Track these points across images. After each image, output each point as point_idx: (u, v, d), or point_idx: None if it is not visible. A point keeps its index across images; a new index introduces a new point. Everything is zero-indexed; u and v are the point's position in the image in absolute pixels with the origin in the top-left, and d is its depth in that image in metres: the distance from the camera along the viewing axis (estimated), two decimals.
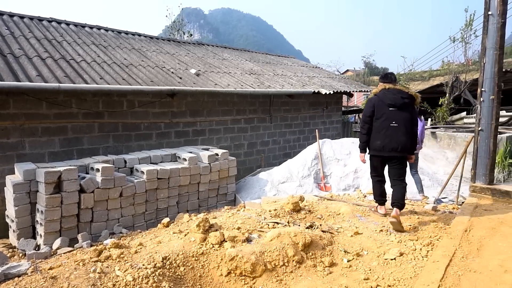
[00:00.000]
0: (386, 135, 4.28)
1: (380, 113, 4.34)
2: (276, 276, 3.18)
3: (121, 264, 3.07)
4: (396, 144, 4.25)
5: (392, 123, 4.26)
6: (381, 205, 4.67)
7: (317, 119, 11.36)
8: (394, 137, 4.25)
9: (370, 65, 46.40)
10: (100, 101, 6.68)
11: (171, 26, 19.85)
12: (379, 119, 4.35)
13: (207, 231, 3.63)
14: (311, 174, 7.69)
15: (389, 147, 4.27)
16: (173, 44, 10.79)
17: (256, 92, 8.75)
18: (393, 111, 4.28)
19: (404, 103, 4.28)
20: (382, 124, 4.31)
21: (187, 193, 6.37)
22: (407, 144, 4.27)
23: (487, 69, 5.29)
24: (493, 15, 5.20)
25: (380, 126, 4.33)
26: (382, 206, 4.66)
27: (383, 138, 4.29)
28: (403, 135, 4.25)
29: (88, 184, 5.08)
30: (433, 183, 7.36)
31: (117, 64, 7.32)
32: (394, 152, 4.28)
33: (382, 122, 4.32)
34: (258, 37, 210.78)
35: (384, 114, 4.31)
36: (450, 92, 12.76)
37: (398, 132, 4.25)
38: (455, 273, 3.10)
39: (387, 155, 4.34)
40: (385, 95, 4.37)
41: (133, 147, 7.10)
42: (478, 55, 21.21)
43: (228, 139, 8.89)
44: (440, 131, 9.30)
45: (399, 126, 4.25)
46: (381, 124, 4.32)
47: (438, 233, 3.99)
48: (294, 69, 13.02)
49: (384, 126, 4.30)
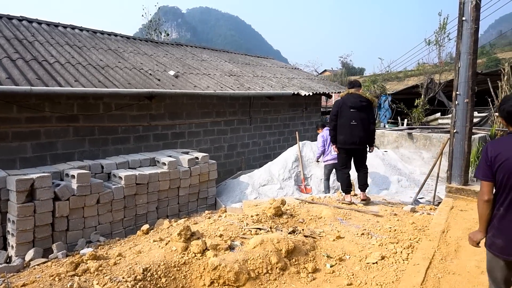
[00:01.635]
0: (347, 131, 5.27)
1: (343, 113, 5.32)
2: (259, 284, 3.15)
3: (100, 277, 2.96)
4: (356, 138, 5.26)
5: (352, 121, 5.24)
6: (347, 194, 5.55)
7: (297, 120, 11.41)
8: (354, 133, 5.25)
9: (347, 65, 47.15)
10: (75, 104, 6.45)
11: (147, 25, 19.48)
12: (342, 118, 5.34)
13: (188, 239, 3.56)
14: (291, 177, 7.71)
15: (350, 141, 5.29)
16: (150, 45, 10.57)
17: (236, 94, 8.70)
18: (353, 112, 5.26)
19: (362, 106, 5.28)
20: (344, 123, 5.30)
21: (167, 198, 6.25)
22: (364, 139, 5.32)
23: (461, 73, 5.44)
24: (467, 20, 5.36)
25: (343, 124, 5.32)
26: (348, 195, 5.54)
27: (345, 134, 5.30)
28: (361, 131, 5.26)
29: (63, 192, 4.89)
30: (410, 183, 7.53)
31: (93, 66, 7.10)
32: (354, 145, 5.32)
33: (344, 121, 5.31)
34: (236, 37, 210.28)
35: (346, 115, 5.29)
36: (425, 94, 13.11)
37: (357, 129, 5.24)
38: (435, 276, 3.16)
39: (348, 147, 5.35)
40: (348, 99, 5.37)
41: (110, 151, 6.90)
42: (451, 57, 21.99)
43: (208, 142, 8.80)
44: (416, 132, 9.53)
45: (357, 124, 5.24)
46: (344, 122, 5.31)
47: (418, 235, 4.07)
48: (274, 70, 13.04)
49: (346, 124, 5.28)
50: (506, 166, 2.10)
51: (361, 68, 51.73)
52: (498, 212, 2.19)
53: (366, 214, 4.95)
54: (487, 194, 2.19)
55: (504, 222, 2.17)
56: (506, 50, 42.34)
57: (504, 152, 2.11)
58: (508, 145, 2.13)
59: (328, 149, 7.03)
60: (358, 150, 5.38)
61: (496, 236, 2.21)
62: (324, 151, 7.12)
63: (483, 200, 2.20)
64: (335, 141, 5.49)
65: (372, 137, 5.51)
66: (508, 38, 67.37)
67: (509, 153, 2.10)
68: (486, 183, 2.20)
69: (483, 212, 2.23)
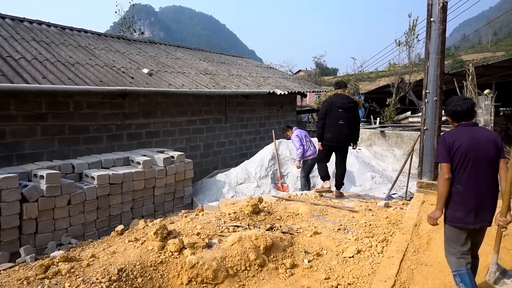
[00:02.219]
0: (335, 130, 5.52)
1: (332, 113, 5.57)
2: (238, 281, 3.14)
3: (72, 279, 2.85)
4: (342, 137, 5.55)
5: (340, 121, 5.50)
6: (326, 180, 5.78)
7: (273, 119, 11.47)
8: (341, 132, 5.52)
9: (321, 65, 47.91)
10: (43, 102, 6.19)
11: (120, 22, 18.96)
12: (330, 117, 5.57)
13: (165, 238, 3.49)
14: (268, 175, 7.74)
15: (336, 139, 5.56)
16: (123, 42, 10.31)
17: (212, 93, 8.64)
18: (341, 112, 5.53)
19: (349, 107, 5.58)
20: (332, 122, 5.54)
21: (142, 198, 6.11)
22: (349, 138, 5.65)
23: (430, 72, 5.64)
24: (434, 21, 5.56)
25: (331, 123, 5.56)
26: (327, 181, 5.76)
27: (333, 132, 5.54)
28: (347, 131, 5.55)
29: (31, 193, 4.68)
30: (383, 180, 7.73)
31: (62, 63, 6.84)
32: (339, 143, 5.60)
33: (332, 120, 5.55)
34: (211, 36, 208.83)
35: (334, 114, 5.54)
36: (396, 93, 13.50)
37: (344, 128, 5.52)
38: (409, 267, 3.26)
39: (334, 145, 5.63)
40: (336, 99, 5.63)
41: (82, 151, 6.67)
42: (419, 58, 22.77)
43: (183, 141, 8.68)
44: (388, 130, 9.80)
45: (344, 124, 5.52)
46: (332, 121, 5.55)
47: (392, 229, 4.18)
48: (249, 69, 13.04)
49: (333, 123, 5.54)
50: (461, 150, 2.58)
51: (335, 68, 52.67)
52: (456, 189, 2.62)
53: (342, 210, 5.03)
54: (447, 173, 2.61)
55: (463, 196, 2.59)
56: (470, 53, 44.40)
57: (458, 139, 2.61)
58: (460, 134, 2.65)
59: (306, 145, 7.08)
60: (342, 148, 5.69)
61: (456, 210, 2.61)
62: (303, 149, 7.11)
63: (445, 178, 2.61)
64: (321, 139, 5.69)
65: (357, 136, 5.87)
66: (471, 41, 70.64)
67: (462, 140, 2.60)
68: (446, 165, 2.62)
69: (443, 190, 2.62)
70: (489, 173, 2.58)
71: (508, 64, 10.98)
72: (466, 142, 2.59)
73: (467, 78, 11.78)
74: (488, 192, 2.60)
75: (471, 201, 2.58)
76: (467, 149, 2.57)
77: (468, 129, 2.67)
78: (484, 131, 2.73)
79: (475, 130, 2.66)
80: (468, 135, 2.62)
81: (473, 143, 2.58)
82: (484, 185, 2.58)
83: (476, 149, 2.57)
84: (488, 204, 2.60)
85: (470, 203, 2.57)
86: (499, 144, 2.62)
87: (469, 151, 2.57)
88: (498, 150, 2.60)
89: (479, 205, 2.57)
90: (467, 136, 2.62)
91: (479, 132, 2.66)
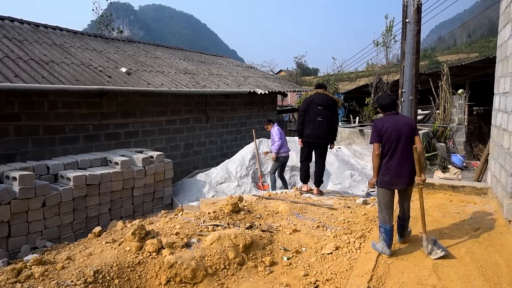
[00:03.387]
0: (313, 126, 5.63)
1: (311, 110, 5.68)
2: (217, 280, 3.13)
3: (45, 282, 2.78)
4: (321, 133, 5.63)
5: (319, 118, 5.61)
6: (305, 184, 6.02)
7: (253, 119, 11.49)
8: (319, 128, 5.62)
9: (302, 65, 48.29)
10: (16, 101, 6.00)
11: (98, 21, 18.58)
12: (309, 114, 5.68)
13: (143, 238, 3.45)
14: (249, 174, 7.74)
15: (315, 136, 5.65)
16: (100, 41, 10.10)
17: (192, 92, 8.58)
18: (320, 109, 5.63)
19: (329, 104, 5.70)
20: (311, 118, 5.65)
21: (120, 198, 6.01)
22: (327, 135, 5.70)
23: (406, 72, 5.77)
24: (410, 22, 5.70)
25: (310, 119, 5.67)
26: (305, 185, 6.01)
27: (311, 129, 5.65)
28: (325, 127, 5.63)
29: (2, 195, 4.53)
30: (362, 177, 7.86)
31: (35, 61, 6.64)
32: (318, 139, 5.69)
33: (311, 116, 5.66)
34: (191, 36, 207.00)
35: (314, 111, 5.65)
36: (375, 92, 13.77)
37: (322, 125, 5.61)
38: (385, 262, 3.33)
39: (313, 141, 5.72)
40: (316, 97, 5.75)
41: (57, 152, 6.49)
42: (397, 58, 23.28)
43: (163, 141, 8.59)
44: (367, 129, 9.98)
45: (323, 121, 5.61)
46: (311, 118, 5.66)
47: (369, 226, 4.25)
48: (230, 69, 13.01)
49: (312, 120, 5.64)
50: (388, 132, 3.41)
51: (315, 68, 53.22)
52: (384, 160, 3.44)
53: (322, 208, 5.09)
54: (377, 150, 3.44)
55: (388, 165, 3.42)
56: (445, 54, 45.77)
57: (385, 125, 3.45)
58: (387, 121, 3.49)
59: (283, 141, 7.15)
60: (321, 144, 5.78)
61: (384, 175, 3.43)
62: (281, 143, 7.18)
63: (376, 154, 3.45)
64: (300, 135, 5.83)
65: (334, 135, 5.92)
66: (447, 43, 72.80)
67: (388, 125, 3.44)
68: (377, 144, 3.45)
69: (376, 162, 3.46)
70: (406, 148, 3.38)
71: (481, 64, 11.38)
72: (391, 126, 3.42)
73: (442, 78, 12.16)
74: (406, 162, 3.39)
75: (394, 169, 3.39)
76: (391, 131, 3.40)
77: (392, 117, 3.52)
78: (403, 118, 3.62)
79: (396, 118, 3.52)
80: (391, 121, 3.46)
81: (395, 127, 3.42)
82: (404, 157, 3.39)
83: (397, 130, 3.40)
84: (405, 171, 3.39)
85: (393, 171, 3.40)
86: (413, 125, 3.48)
87: (392, 132, 3.39)
88: (412, 130, 3.43)
89: (399, 172, 3.39)
90: (391, 122, 3.46)
91: (399, 118, 3.53)
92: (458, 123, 11.81)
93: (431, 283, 2.93)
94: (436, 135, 11.34)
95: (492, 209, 4.58)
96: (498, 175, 4.58)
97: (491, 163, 5.26)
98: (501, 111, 4.62)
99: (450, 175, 8.18)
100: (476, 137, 13.25)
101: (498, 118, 4.80)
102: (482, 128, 13.73)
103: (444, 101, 12.10)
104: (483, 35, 72.28)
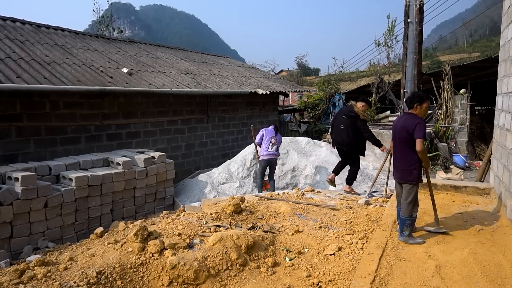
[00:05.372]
0: (336, 133, 6.28)
1: (337, 119, 6.41)
2: (220, 281, 3.12)
3: (48, 283, 2.78)
4: (340, 139, 6.22)
5: (341, 126, 6.18)
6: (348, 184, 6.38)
7: (255, 119, 11.48)
8: (340, 135, 6.20)
9: (303, 65, 48.30)
10: (17, 102, 6.01)
11: (99, 21, 18.60)
12: (335, 122, 6.40)
13: (145, 239, 3.44)
14: (250, 174, 7.74)
15: (336, 141, 6.34)
16: (101, 41, 10.11)
17: (193, 92, 8.57)
18: (343, 119, 6.18)
19: (350, 115, 6.13)
20: (336, 126, 6.34)
21: (122, 199, 6.01)
22: (346, 142, 6.15)
23: (408, 72, 5.77)
24: (412, 22, 5.69)
25: (335, 127, 6.39)
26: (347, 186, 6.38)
27: (335, 135, 6.37)
28: (345, 135, 6.13)
29: (5, 196, 4.53)
30: (364, 178, 7.84)
31: (37, 62, 6.65)
32: (339, 145, 6.31)
33: (336, 124, 6.35)
34: (192, 36, 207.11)
35: (338, 120, 6.32)
36: (376, 92, 13.75)
37: (343, 132, 6.14)
38: (388, 263, 3.32)
39: (337, 146, 6.42)
40: (344, 109, 6.57)
41: (59, 152, 6.50)
42: (399, 58, 23.27)
43: (164, 141, 8.59)
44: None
45: (344, 129, 6.15)
46: (336, 126, 6.36)
47: (372, 226, 4.24)
48: (231, 69, 13.01)
49: (337, 128, 6.29)
50: (392, 132, 3.89)
51: (316, 68, 53.23)
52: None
53: (324, 208, 5.08)
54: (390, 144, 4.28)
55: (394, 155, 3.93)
56: (447, 53, 45.71)
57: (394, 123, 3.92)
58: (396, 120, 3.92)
59: (265, 143, 7.19)
60: (343, 150, 6.34)
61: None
62: (260, 144, 7.24)
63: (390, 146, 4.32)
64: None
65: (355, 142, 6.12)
66: (448, 42, 72.69)
67: (394, 123, 3.90)
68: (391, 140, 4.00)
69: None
70: (398, 147, 3.79)
71: (483, 64, 11.34)
72: (393, 127, 3.88)
73: (444, 78, 12.12)
74: (396, 161, 3.86)
75: (394, 163, 3.93)
76: (392, 132, 3.89)
77: (398, 118, 3.90)
78: (401, 121, 3.78)
79: (400, 118, 3.84)
80: (395, 122, 3.88)
81: (394, 128, 3.85)
82: (397, 156, 3.84)
83: (394, 131, 3.84)
84: (398, 167, 3.82)
85: (394, 165, 3.92)
86: (409, 129, 3.63)
87: (392, 133, 3.88)
88: (408, 133, 3.62)
89: (395, 166, 3.89)
90: (395, 122, 3.89)
91: (400, 121, 3.80)
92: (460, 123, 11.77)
93: (434, 284, 2.91)
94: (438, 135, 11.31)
95: (495, 210, 4.56)
96: (501, 175, 4.57)
97: (494, 163, 5.24)
98: (504, 111, 4.61)
99: (452, 176, 8.16)
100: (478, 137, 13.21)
101: (501, 118, 4.78)
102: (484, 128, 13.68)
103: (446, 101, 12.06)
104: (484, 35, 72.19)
